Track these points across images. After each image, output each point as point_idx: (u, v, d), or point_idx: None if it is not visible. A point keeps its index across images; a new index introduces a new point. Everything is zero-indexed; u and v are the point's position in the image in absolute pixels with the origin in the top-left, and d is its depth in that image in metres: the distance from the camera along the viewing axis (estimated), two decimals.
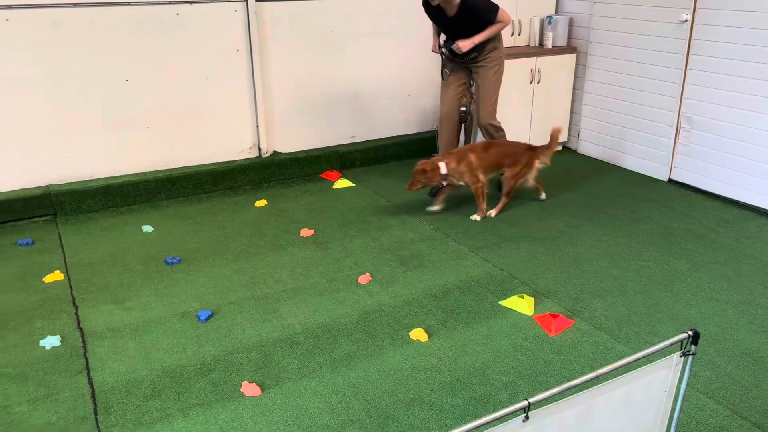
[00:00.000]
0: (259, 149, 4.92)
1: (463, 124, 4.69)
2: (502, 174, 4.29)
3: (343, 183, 4.85)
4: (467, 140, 5.35)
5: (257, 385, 2.55)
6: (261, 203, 4.49)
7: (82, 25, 4.07)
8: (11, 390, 2.52)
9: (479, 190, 4.18)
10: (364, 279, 3.40)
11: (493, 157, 4.19)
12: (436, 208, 4.33)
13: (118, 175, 4.42)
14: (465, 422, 2.30)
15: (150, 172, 4.49)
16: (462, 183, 4.20)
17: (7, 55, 3.92)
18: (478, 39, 4.14)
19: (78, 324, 2.98)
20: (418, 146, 5.52)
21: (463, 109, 4.52)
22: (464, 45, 4.14)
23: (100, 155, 4.36)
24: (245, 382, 2.56)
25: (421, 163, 4.11)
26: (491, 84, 4.35)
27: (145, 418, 2.38)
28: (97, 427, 2.33)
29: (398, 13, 5.11)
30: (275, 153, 4.98)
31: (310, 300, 3.21)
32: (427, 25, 4.60)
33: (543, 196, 4.56)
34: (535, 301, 3.16)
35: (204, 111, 4.62)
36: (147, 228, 4.04)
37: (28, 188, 4.16)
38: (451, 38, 4.24)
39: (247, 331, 2.95)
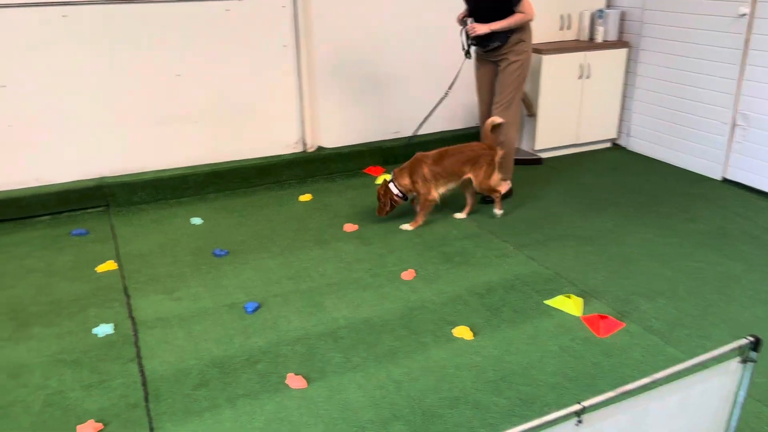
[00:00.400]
0: (304, 144, 4.96)
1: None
2: (467, 183, 4.05)
3: (386, 178, 4.85)
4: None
5: (303, 377, 2.58)
6: (305, 198, 4.53)
7: (136, 21, 4.18)
8: (66, 376, 2.61)
9: (427, 202, 3.94)
10: (407, 275, 3.39)
11: (449, 166, 3.93)
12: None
13: (168, 168, 4.52)
14: (513, 423, 2.29)
15: (198, 166, 4.58)
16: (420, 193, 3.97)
17: (64, 50, 4.05)
18: (495, 26, 4.00)
19: (130, 313, 3.07)
20: (463, 142, 5.47)
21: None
22: (479, 28, 4.02)
23: (151, 148, 4.47)
24: (291, 374, 2.60)
25: (382, 185, 4.03)
26: (511, 78, 4.18)
27: (194, 407, 2.43)
28: (148, 414, 2.40)
29: (447, 9, 5.07)
30: (320, 148, 5.01)
31: (354, 295, 3.23)
32: None
33: (463, 214, 4.14)
34: (582, 301, 3.10)
35: (251, 106, 4.69)
36: (196, 220, 4.12)
37: (82, 180, 4.30)
38: (476, 21, 4.11)
39: (292, 323, 2.98)
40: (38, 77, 4.03)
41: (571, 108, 5.24)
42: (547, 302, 3.11)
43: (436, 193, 3.96)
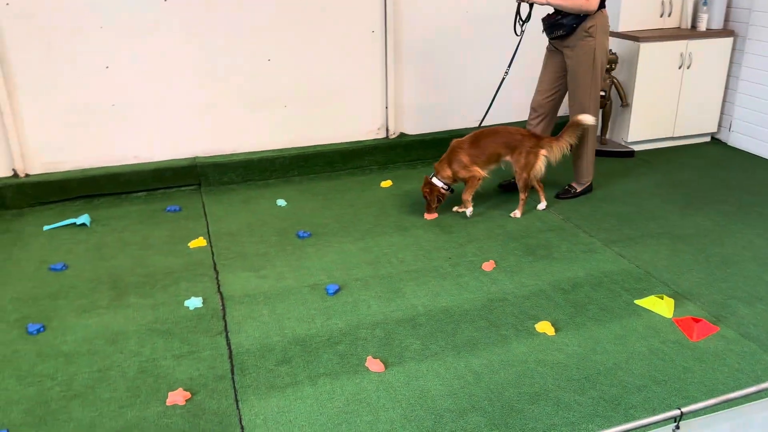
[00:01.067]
0: (387, 130, 4.97)
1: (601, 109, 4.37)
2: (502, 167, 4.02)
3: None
4: (603, 127, 5.08)
5: (381, 361, 2.60)
6: (386, 184, 4.55)
7: (231, 7, 4.30)
8: (159, 345, 2.75)
9: (472, 180, 3.88)
10: (488, 266, 3.34)
11: (486, 148, 3.88)
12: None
13: (257, 150, 4.66)
14: (596, 424, 2.22)
15: (285, 149, 4.69)
16: (464, 179, 3.92)
17: (162, 33, 4.23)
18: (553, 0, 3.77)
19: (218, 288, 3.19)
20: (552, 133, 5.32)
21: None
22: None
23: (242, 131, 4.61)
24: (370, 358, 2.62)
25: (424, 182, 3.97)
26: (581, 81, 3.92)
27: (277, 382, 2.50)
28: (234, 386, 2.49)
29: None
30: (402, 134, 5.01)
31: (433, 283, 3.21)
32: None
33: (543, 204, 4.06)
34: (675, 303, 2.95)
35: (337, 91, 4.74)
36: (281, 202, 4.23)
37: (177, 159, 4.50)
38: None
39: (371, 308, 3.01)
40: (139, 59, 4.24)
41: (669, 99, 4.97)
42: (638, 302, 2.98)
43: (480, 170, 3.90)
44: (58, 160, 4.28)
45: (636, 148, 5.08)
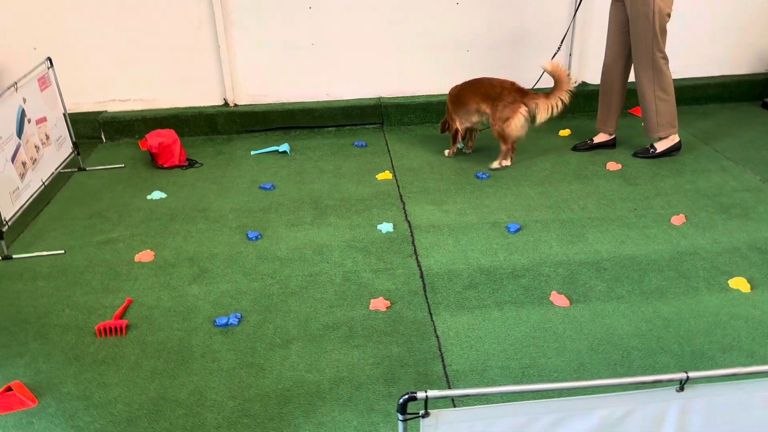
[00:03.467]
0: (569, 78, 4.88)
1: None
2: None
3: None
4: None
5: (565, 297, 2.70)
6: (565, 132, 4.52)
7: None
8: (359, 259, 3.05)
9: (452, 133, 4.06)
10: (677, 220, 3.27)
11: (466, 99, 3.89)
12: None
13: (436, 93, 4.81)
14: None
15: None
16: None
17: None
18: None
19: (406, 217, 3.44)
20: (746, 89, 4.93)
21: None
22: None
23: (423, 74, 4.78)
24: (554, 293, 2.73)
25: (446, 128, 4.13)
26: (641, 29, 3.67)
27: (465, 303, 2.70)
28: (427, 301, 2.73)
29: None
30: (584, 83, 4.90)
31: (617, 231, 3.21)
32: None
33: (498, 163, 3.95)
34: None
35: (522, 37, 4.73)
36: (459, 145, 4.37)
37: (364, 98, 4.78)
38: None
39: (553, 248, 3.09)
40: (339, 1, 4.51)
41: None
42: None
43: (460, 125, 4.00)
44: (262, 93, 4.74)
45: None
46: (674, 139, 4.00)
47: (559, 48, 4.18)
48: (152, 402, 2.25)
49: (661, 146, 4.01)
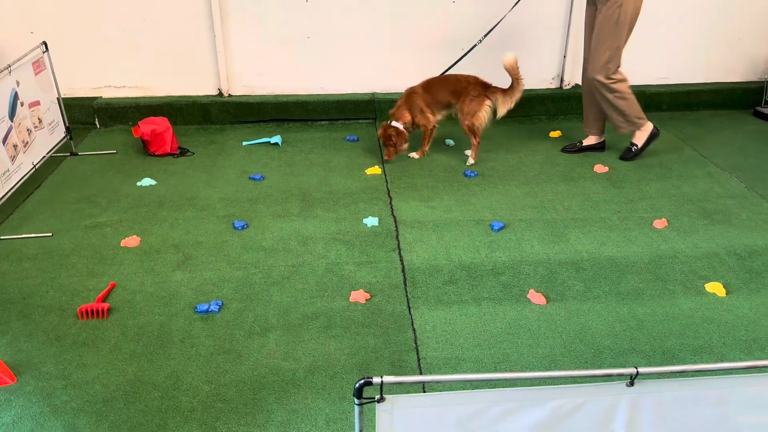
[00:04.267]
0: (561, 81, 4.92)
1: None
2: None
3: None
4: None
5: (542, 295, 2.74)
6: (555, 134, 4.55)
7: None
8: (342, 252, 3.09)
9: (428, 131, 4.04)
10: (659, 223, 3.30)
11: (437, 95, 3.98)
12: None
13: None
14: None
15: None
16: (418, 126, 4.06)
17: None
18: None
19: (392, 212, 3.47)
20: (739, 97, 4.97)
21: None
22: None
23: (418, 71, 4.77)
24: (532, 291, 2.77)
25: (384, 128, 4.01)
26: (606, 28, 3.70)
27: (444, 298, 2.74)
28: (406, 295, 2.76)
29: None
30: (576, 86, 4.93)
31: (599, 233, 3.25)
32: None
33: (470, 158, 4.05)
34: None
35: (516, 37, 4.75)
36: (449, 142, 4.41)
37: (357, 93, 4.81)
38: None
39: (535, 247, 3.13)
40: None
41: None
42: None
43: (434, 118, 4.05)
44: (256, 84, 4.77)
45: None
46: (648, 127, 4.03)
47: (480, 41, 4.26)
48: (129, 384, 2.28)
49: (639, 140, 4.04)
